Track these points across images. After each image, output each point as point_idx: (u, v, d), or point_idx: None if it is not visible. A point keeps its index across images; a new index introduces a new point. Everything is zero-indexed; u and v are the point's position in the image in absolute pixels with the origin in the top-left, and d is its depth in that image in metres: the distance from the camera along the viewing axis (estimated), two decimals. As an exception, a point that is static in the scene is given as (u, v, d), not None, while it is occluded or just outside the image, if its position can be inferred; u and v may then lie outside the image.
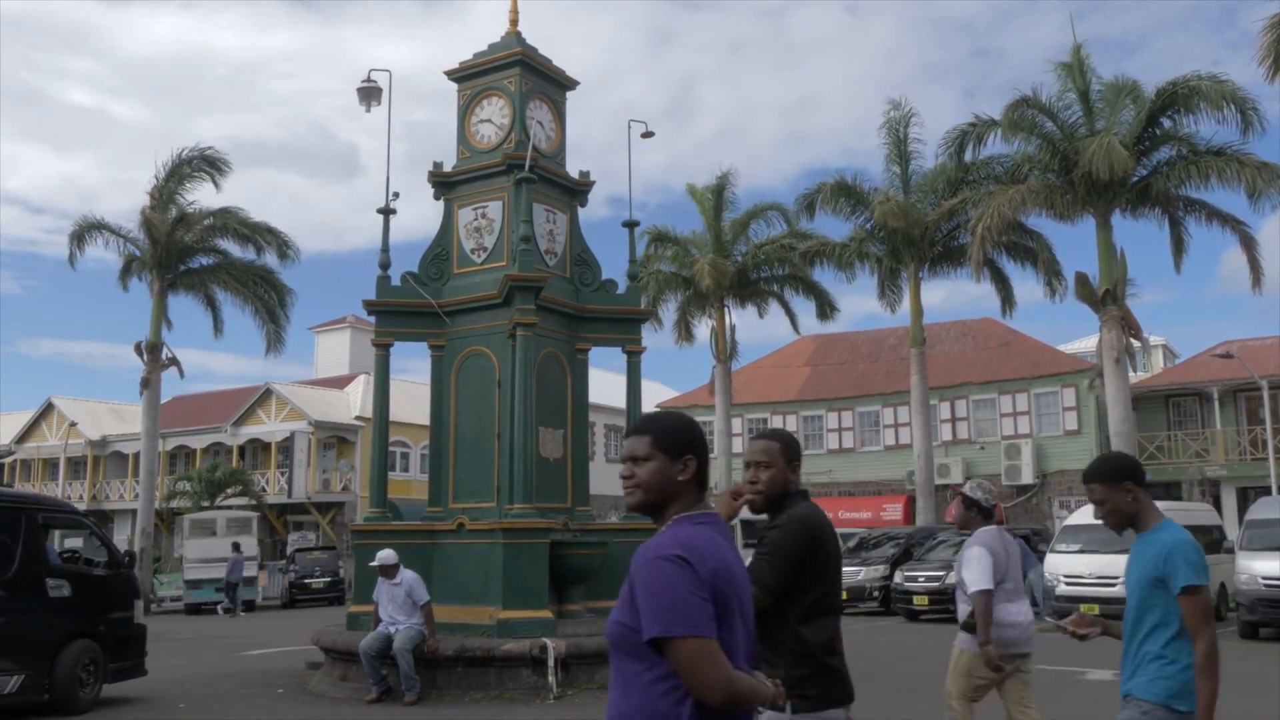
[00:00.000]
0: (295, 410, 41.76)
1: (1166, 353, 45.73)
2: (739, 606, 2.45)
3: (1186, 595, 3.56)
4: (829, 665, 3.42)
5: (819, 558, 3.43)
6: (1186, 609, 3.56)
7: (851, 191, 30.03)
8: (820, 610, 3.42)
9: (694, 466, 2.54)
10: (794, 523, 3.45)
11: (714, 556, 2.40)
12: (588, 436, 14.14)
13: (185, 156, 29.29)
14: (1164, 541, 3.68)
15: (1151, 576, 3.66)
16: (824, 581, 3.46)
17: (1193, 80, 23.89)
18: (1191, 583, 3.54)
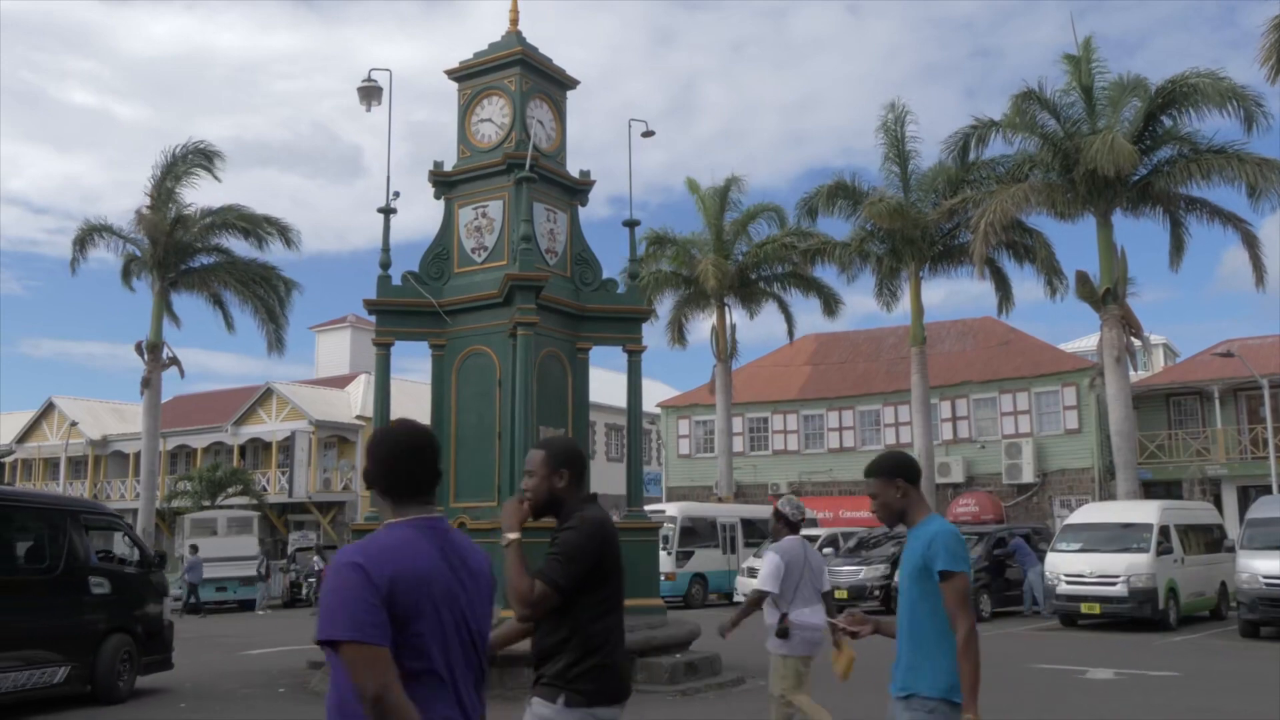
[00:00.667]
0: (296, 410, 41.78)
1: (1167, 351, 45.72)
2: (436, 610, 2.48)
3: (945, 580, 3.65)
4: (608, 663, 3.50)
5: (610, 558, 3.54)
6: (945, 594, 3.65)
7: (850, 191, 30.03)
8: (606, 609, 3.51)
9: (396, 472, 2.63)
10: (587, 524, 3.55)
11: (398, 562, 2.44)
12: (588, 436, 14.15)
13: (179, 153, 29.29)
14: (928, 533, 3.78)
15: (919, 567, 3.75)
16: (612, 581, 3.56)
17: (1192, 78, 23.89)
18: (949, 568, 3.64)
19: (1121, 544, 19.04)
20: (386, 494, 2.64)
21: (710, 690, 11.47)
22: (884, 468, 3.96)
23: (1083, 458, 33.24)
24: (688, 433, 40.91)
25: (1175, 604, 18.81)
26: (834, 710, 10.58)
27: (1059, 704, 10.86)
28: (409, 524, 2.58)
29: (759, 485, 38.20)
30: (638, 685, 11.27)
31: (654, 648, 11.90)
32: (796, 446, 38.66)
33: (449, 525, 2.67)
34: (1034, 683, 12.25)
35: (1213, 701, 10.82)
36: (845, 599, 23.26)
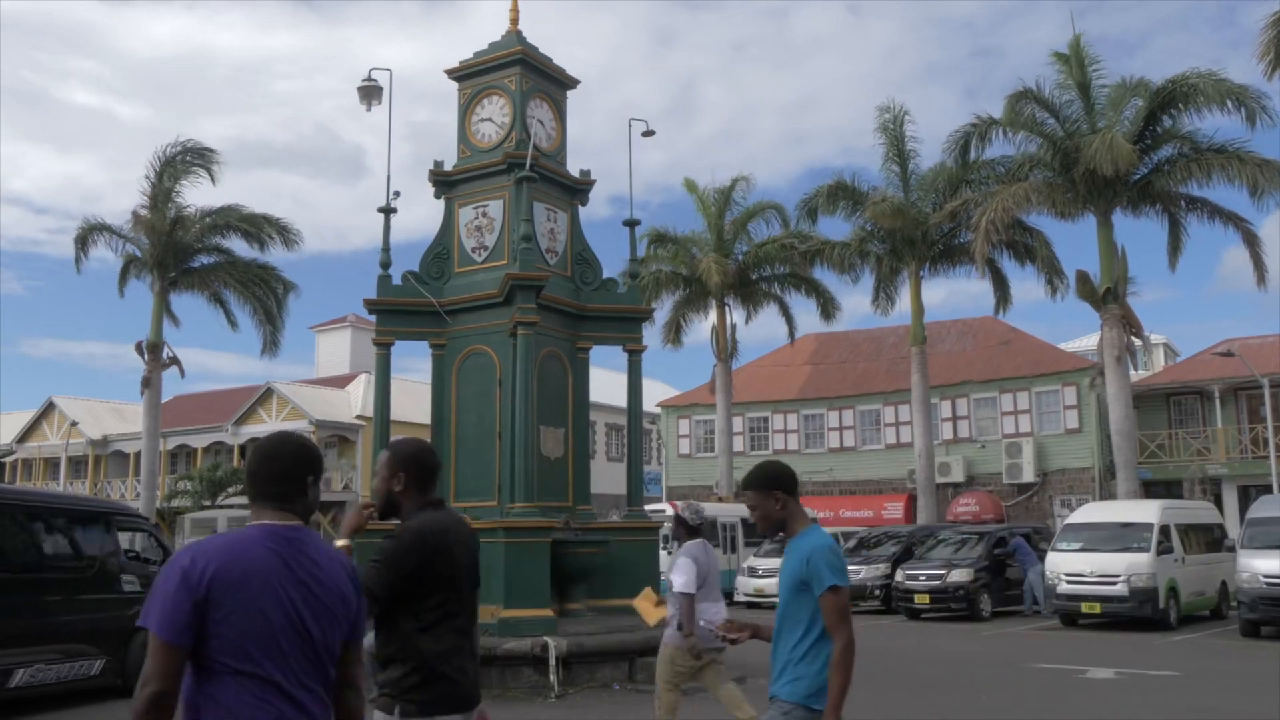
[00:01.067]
0: (296, 409, 41.79)
1: (1167, 351, 45.72)
2: (263, 613, 2.53)
3: (827, 595, 3.70)
4: (444, 673, 3.45)
5: (435, 566, 3.48)
6: (825, 608, 3.70)
7: (850, 192, 30.03)
8: (438, 618, 3.46)
9: (255, 477, 2.75)
10: (407, 533, 3.54)
11: (222, 562, 2.52)
12: (589, 435, 14.15)
13: (172, 153, 29.29)
14: (807, 546, 3.82)
15: (797, 580, 3.80)
16: (444, 590, 3.50)
17: (1192, 78, 23.89)
18: (832, 584, 3.70)
19: (1122, 543, 19.03)
20: (249, 498, 2.74)
21: (711, 690, 11.46)
22: (760, 479, 3.98)
23: (1083, 457, 33.24)
24: (688, 432, 40.91)
25: (1175, 603, 18.80)
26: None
27: (1059, 704, 10.86)
28: (257, 528, 2.66)
29: (759, 485, 38.13)
30: (639, 685, 11.28)
31: (654, 647, 11.86)
32: (797, 446, 38.66)
33: (307, 535, 2.71)
34: (1034, 682, 12.25)
35: (1213, 701, 10.82)
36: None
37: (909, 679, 12.55)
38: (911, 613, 21.65)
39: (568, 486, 13.32)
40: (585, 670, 11.30)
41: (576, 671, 11.20)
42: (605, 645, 11.59)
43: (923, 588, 21.40)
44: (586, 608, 12.72)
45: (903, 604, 21.78)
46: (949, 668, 13.65)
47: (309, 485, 2.77)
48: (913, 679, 12.55)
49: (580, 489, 13.50)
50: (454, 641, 3.52)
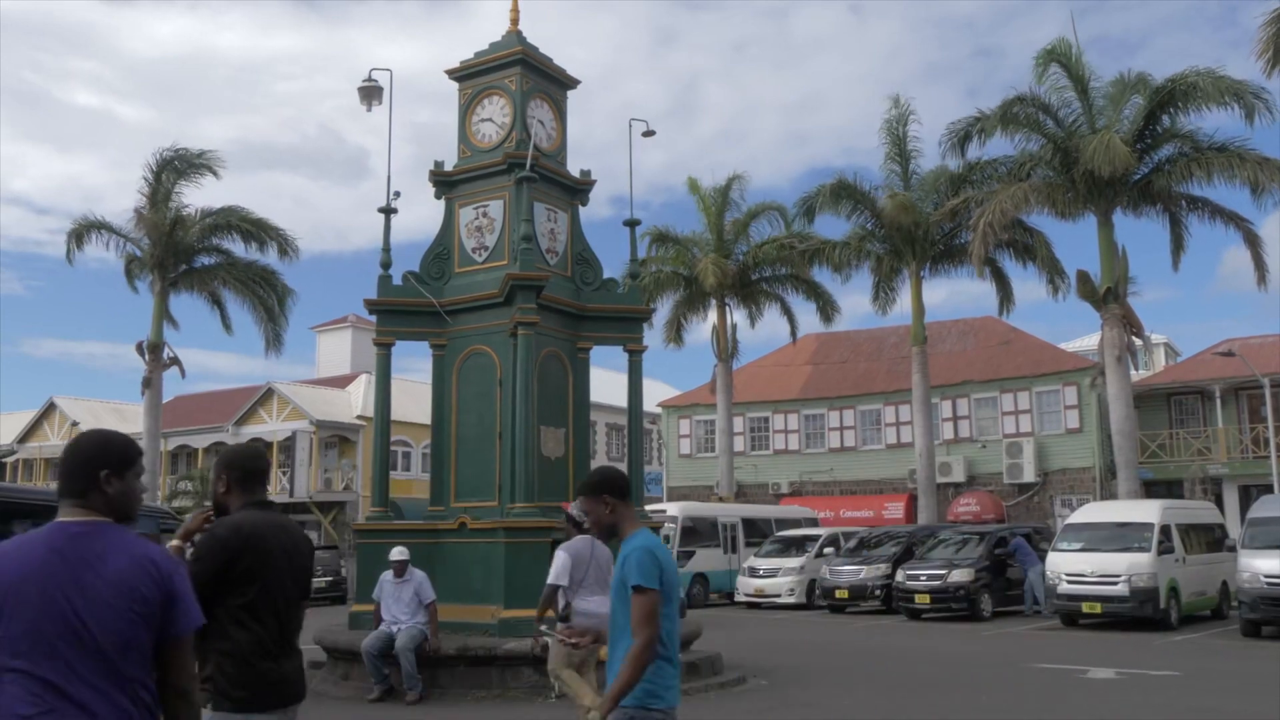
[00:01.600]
0: (297, 410, 41.79)
1: (1168, 351, 45.70)
2: (32, 610, 2.55)
3: (634, 594, 3.81)
4: (260, 669, 3.49)
5: (243, 563, 3.53)
6: (632, 607, 3.81)
7: (852, 191, 30.00)
8: (253, 616, 3.50)
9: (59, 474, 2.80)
10: (219, 529, 3.62)
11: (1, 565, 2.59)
12: (589, 435, 14.14)
13: (167, 157, 29.31)
14: (627, 549, 3.93)
15: (617, 581, 3.92)
16: (256, 586, 3.54)
17: (1191, 76, 23.86)
18: (639, 583, 3.79)
19: (1122, 543, 19.02)
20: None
21: (712, 690, 11.47)
22: (591, 485, 4.10)
23: (1084, 457, 33.23)
24: (689, 432, 40.91)
25: (1176, 603, 18.79)
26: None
27: (1060, 703, 10.85)
28: (48, 526, 2.67)
29: (760, 485, 38.21)
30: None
31: (655, 647, 11.87)
32: (797, 446, 38.66)
33: (102, 531, 2.67)
34: (1035, 682, 12.24)
35: (1214, 701, 10.81)
36: (846, 598, 23.32)
37: (909, 679, 12.55)
38: (912, 613, 21.64)
39: (568, 487, 13.30)
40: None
41: (577, 672, 11.19)
42: (606, 645, 11.58)
43: (923, 588, 21.39)
44: (587, 608, 12.72)
45: (903, 604, 21.77)
46: (949, 668, 13.64)
47: (104, 480, 2.70)
48: (913, 679, 12.55)
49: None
50: (268, 639, 3.55)
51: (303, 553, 3.78)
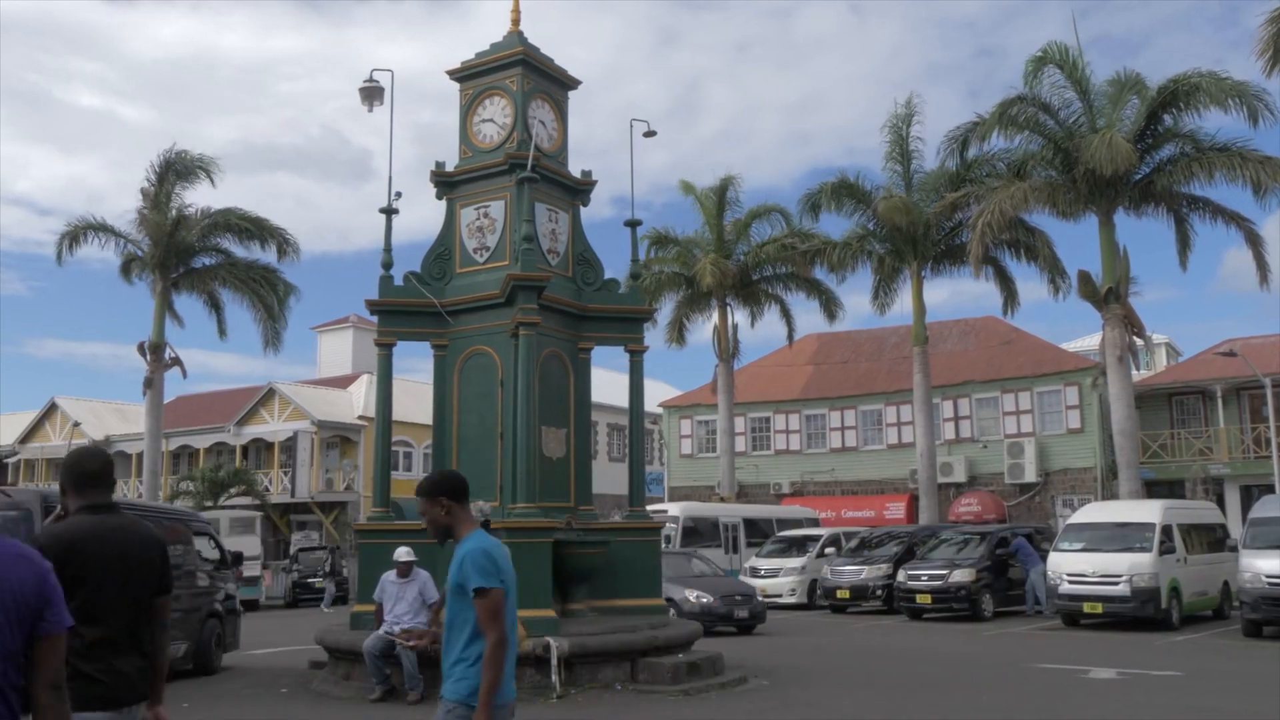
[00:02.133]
0: (298, 410, 41.80)
1: (1169, 351, 45.67)
2: None
3: (476, 598, 3.91)
4: (85, 672, 3.56)
5: (68, 570, 3.56)
6: (478, 609, 3.91)
7: (853, 190, 30.00)
8: (82, 619, 3.53)
9: None
10: (41, 537, 3.68)
11: None
12: (590, 435, 14.15)
13: (169, 158, 29.35)
14: (462, 551, 4.02)
15: (454, 584, 4.01)
16: (84, 591, 3.60)
17: (1194, 77, 23.84)
18: (479, 585, 3.90)
19: (1124, 543, 19.01)
20: None
21: (712, 690, 11.47)
22: (427, 488, 4.19)
23: (1085, 457, 33.21)
24: (690, 432, 40.91)
25: (1178, 603, 18.78)
26: (833, 706, 10.62)
27: (1061, 704, 10.85)
28: None
29: (761, 485, 38.21)
30: (641, 686, 11.29)
31: (656, 648, 11.89)
32: (798, 446, 38.66)
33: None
34: (1036, 682, 12.24)
35: (1215, 701, 10.81)
36: (848, 598, 23.32)
37: (911, 679, 12.55)
38: (913, 613, 21.64)
39: (569, 487, 13.32)
40: (587, 670, 11.30)
41: (578, 672, 11.20)
42: (607, 645, 11.59)
43: (925, 588, 21.38)
44: (588, 608, 12.71)
45: (904, 604, 21.77)
46: (951, 668, 13.64)
47: None
48: (914, 679, 12.55)
49: (582, 489, 13.50)
50: (97, 641, 3.61)
51: (143, 554, 3.81)
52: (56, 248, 29.65)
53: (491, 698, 3.85)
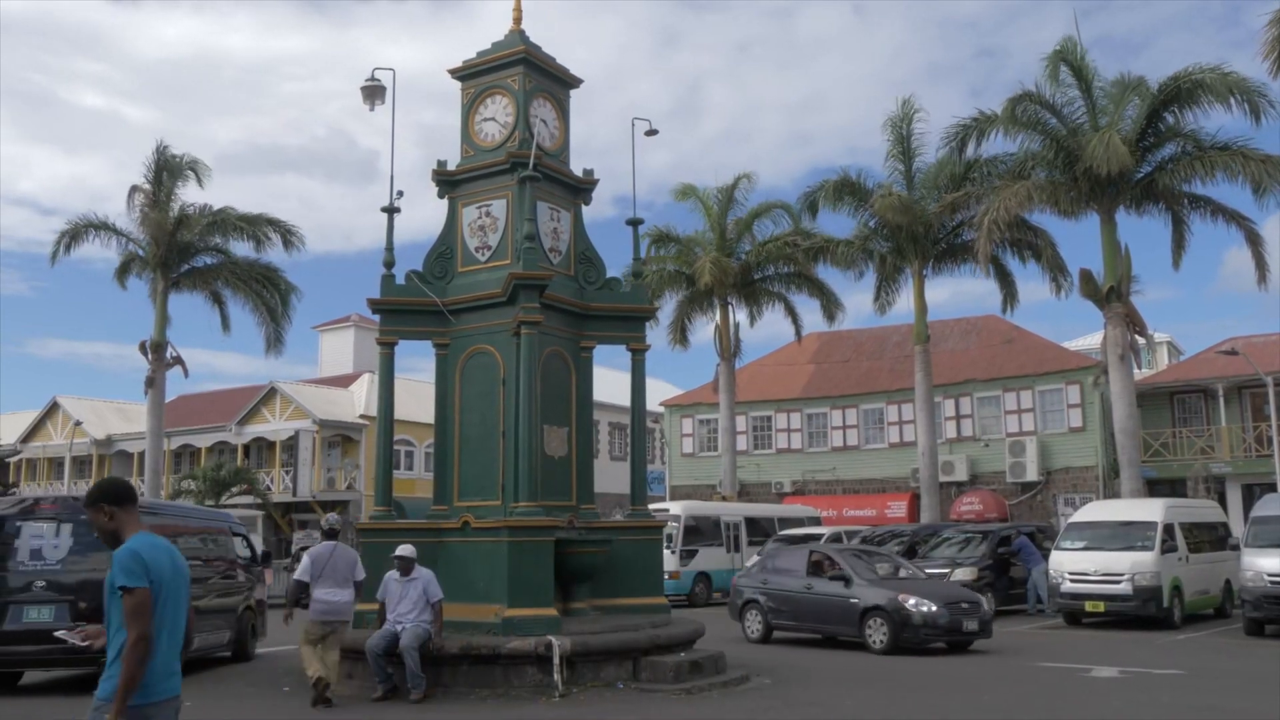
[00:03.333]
0: (300, 409, 41.81)
1: (1171, 349, 45.66)
2: None
3: (121, 596, 4.00)
4: None
5: None
6: (123, 607, 4.00)
7: (855, 188, 29.97)
8: None
9: None
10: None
11: None
12: (592, 434, 14.15)
13: (168, 157, 29.39)
14: (116, 553, 4.10)
15: (108, 585, 4.10)
16: None
17: (1196, 73, 23.79)
18: (122, 584, 3.99)
19: (1126, 542, 19.00)
20: None
21: (714, 689, 11.47)
22: (89, 498, 4.30)
23: (1087, 456, 33.19)
24: (691, 431, 40.90)
25: (1179, 602, 18.78)
26: (834, 705, 10.62)
27: (1063, 702, 10.86)
28: None
29: (763, 484, 38.21)
30: (643, 685, 11.29)
31: (658, 646, 11.90)
32: (800, 445, 38.65)
33: None
34: (1038, 681, 12.25)
35: (1217, 700, 10.81)
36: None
37: (912, 678, 12.55)
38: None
39: (571, 486, 13.32)
40: (589, 669, 11.30)
41: (580, 670, 11.21)
42: (609, 644, 11.59)
43: (926, 587, 21.36)
44: (590, 607, 12.72)
45: (906, 603, 21.74)
46: (952, 666, 13.64)
47: None
48: (915, 678, 12.55)
49: (583, 488, 13.50)
50: None
51: None
52: (54, 246, 29.70)
53: (128, 695, 3.90)
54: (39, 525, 12.19)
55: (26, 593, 11.75)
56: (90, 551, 11.78)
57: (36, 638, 11.36)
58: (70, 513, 12.18)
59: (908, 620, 14.73)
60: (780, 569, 17.16)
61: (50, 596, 11.77)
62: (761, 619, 16.93)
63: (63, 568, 11.94)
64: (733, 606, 17.74)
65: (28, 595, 11.74)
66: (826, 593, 15.87)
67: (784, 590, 16.58)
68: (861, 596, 15.28)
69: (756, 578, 17.53)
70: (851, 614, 15.34)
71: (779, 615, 16.71)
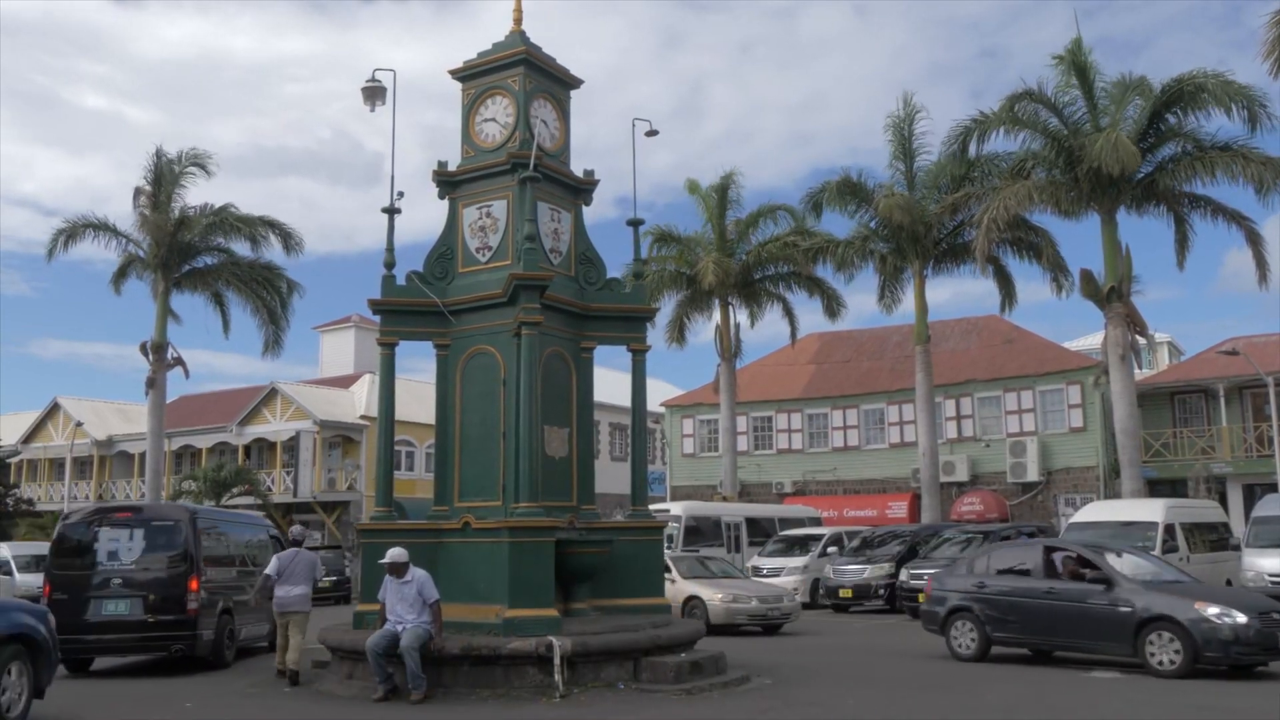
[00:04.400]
0: (300, 410, 41.83)
1: (1172, 349, 45.67)
2: None
3: None
4: None
5: None
6: None
7: (856, 189, 30.00)
8: None
9: None
10: None
11: None
12: (592, 435, 14.14)
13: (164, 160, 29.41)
14: None
15: None
16: None
17: (1199, 77, 23.83)
18: None
19: (1126, 542, 18.97)
20: None
21: (715, 689, 11.47)
22: None
23: (1087, 456, 33.19)
24: (692, 432, 40.91)
25: (1180, 602, 18.70)
26: (835, 705, 10.62)
27: (1063, 702, 10.85)
28: None
29: (763, 484, 38.21)
30: (644, 685, 11.29)
31: (659, 647, 11.89)
32: (800, 445, 38.66)
33: None
34: (1038, 681, 12.24)
35: (1217, 700, 10.81)
36: (850, 598, 23.32)
37: (913, 678, 12.55)
38: (915, 612, 21.56)
39: (572, 486, 13.31)
40: (590, 670, 11.30)
41: (581, 671, 11.21)
42: (610, 645, 11.59)
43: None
44: (591, 607, 12.71)
45: (907, 603, 21.73)
46: (952, 666, 13.64)
47: None
48: (916, 678, 12.55)
49: (584, 489, 13.50)
50: None
51: None
52: (50, 244, 29.74)
53: None
54: (114, 530, 14.03)
55: (105, 589, 13.56)
56: (158, 552, 13.97)
57: (114, 628, 13.43)
58: (141, 519, 14.29)
59: (1213, 636, 11.88)
60: (1004, 569, 14.34)
61: (126, 592, 13.60)
62: (977, 631, 14.02)
63: (136, 567, 13.78)
64: (930, 615, 14.84)
65: (106, 591, 13.55)
66: (1079, 599, 13.07)
67: (1011, 595, 13.80)
68: (1137, 604, 12.42)
69: (966, 580, 14.54)
70: (1123, 627, 12.48)
71: (1002, 627, 13.86)
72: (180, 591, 13.72)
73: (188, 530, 14.10)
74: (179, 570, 13.86)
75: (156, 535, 14.05)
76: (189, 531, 14.07)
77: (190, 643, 13.66)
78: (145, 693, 12.23)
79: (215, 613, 14.29)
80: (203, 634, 13.87)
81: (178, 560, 13.93)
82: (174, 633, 13.60)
